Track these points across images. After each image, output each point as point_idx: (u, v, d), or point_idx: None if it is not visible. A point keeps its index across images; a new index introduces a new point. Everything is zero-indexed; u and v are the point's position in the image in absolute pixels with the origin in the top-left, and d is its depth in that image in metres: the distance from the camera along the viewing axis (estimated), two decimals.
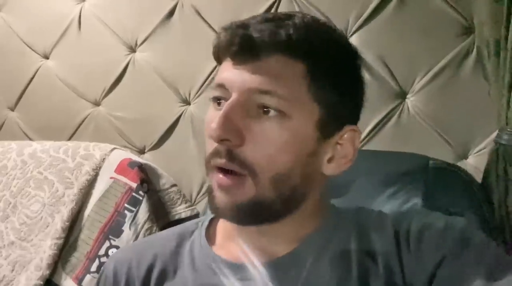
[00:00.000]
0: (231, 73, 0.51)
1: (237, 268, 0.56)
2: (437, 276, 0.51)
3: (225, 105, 0.50)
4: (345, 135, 0.55)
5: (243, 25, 0.51)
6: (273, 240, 0.57)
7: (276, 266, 0.55)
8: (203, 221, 0.63)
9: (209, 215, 0.63)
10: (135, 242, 0.69)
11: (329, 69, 0.52)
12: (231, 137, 0.50)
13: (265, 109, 0.50)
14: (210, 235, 0.61)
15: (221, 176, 0.52)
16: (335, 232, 0.57)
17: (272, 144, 0.51)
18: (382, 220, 0.57)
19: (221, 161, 0.51)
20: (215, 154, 0.51)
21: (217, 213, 0.54)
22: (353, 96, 0.56)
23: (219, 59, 0.55)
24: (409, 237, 0.54)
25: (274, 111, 0.50)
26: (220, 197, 0.52)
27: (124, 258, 0.63)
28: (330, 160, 0.55)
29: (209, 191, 0.54)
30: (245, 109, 0.50)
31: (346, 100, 0.54)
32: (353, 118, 0.57)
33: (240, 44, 0.51)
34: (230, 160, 0.51)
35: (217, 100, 0.53)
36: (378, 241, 0.56)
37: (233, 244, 0.58)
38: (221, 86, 0.52)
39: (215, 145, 0.51)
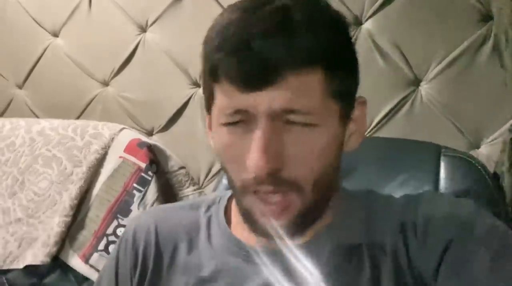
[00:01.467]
0: (251, 98, 0.47)
1: (254, 251, 0.56)
2: (443, 262, 0.51)
3: (259, 133, 0.47)
4: (357, 108, 0.54)
5: (248, 45, 0.46)
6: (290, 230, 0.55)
7: (287, 256, 0.55)
8: (221, 198, 0.63)
9: (227, 193, 0.63)
10: (154, 208, 0.69)
11: (344, 66, 0.51)
12: (274, 165, 0.48)
13: (294, 123, 0.49)
14: (227, 215, 0.61)
15: (270, 205, 0.50)
16: (348, 221, 0.57)
17: (309, 155, 0.50)
18: (389, 209, 0.57)
19: (269, 188, 0.49)
20: (259, 182, 0.49)
21: (264, 235, 0.53)
22: (356, 70, 0.54)
23: (216, 80, 0.50)
24: (416, 228, 0.54)
25: (309, 125, 0.49)
26: (270, 224, 0.51)
27: (144, 224, 0.62)
28: (348, 138, 0.55)
29: (248, 214, 0.52)
30: (276, 132, 0.48)
31: (354, 79, 0.53)
32: (357, 89, 0.55)
33: (256, 70, 0.46)
34: (277, 185, 0.49)
35: (235, 124, 0.50)
36: (385, 232, 0.55)
37: (244, 227, 0.57)
38: (241, 112, 0.48)
39: (249, 172, 0.49)
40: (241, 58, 0.46)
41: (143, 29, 1.23)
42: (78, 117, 1.31)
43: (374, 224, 0.56)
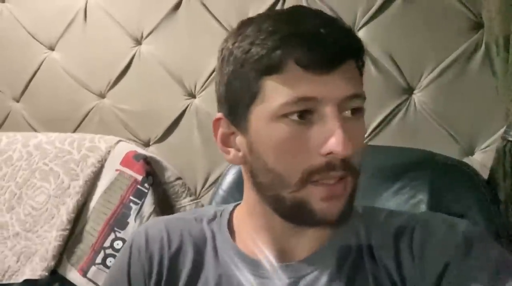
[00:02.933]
0: (321, 85, 0.49)
1: (260, 265, 0.57)
2: (442, 284, 0.51)
3: (334, 119, 0.49)
4: None
5: (318, 31, 0.49)
6: (301, 241, 0.57)
7: (293, 269, 0.56)
8: (222, 211, 0.63)
9: (228, 207, 0.64)
10: (163, 218, 0.69)
11: (362, 56, 0.55)
12: (354, 148, 0.49)
13: (352, 110, 0.51)
14: (230, 227, 0.62)
15: (334, 187, 0.51)
16: (347, 239, 0.57)
17: (362, 140, 0.53)
18: (386, 226, 0.57)
19: (338, 173, 0.50)
20: (329, 168, 0.50)
21: (321, 223, 0.53)
22: None
23: (277, 69, 0.50)
24: (412, 247, 0.54)
25: (358, 111, 0.52)
26: (329, 207, 0.52)
27: (157, 233, 0.63)
28: None
29: (303, 204, 0.52)
30: (345, 116, 0.51)
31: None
32: None
33: (327, 53, 0.49)
34: (346, 169, 0.51)
35: (298, 114, 0.50)
36: (379, 249, 0.56)
37: (253, 240, 0.58)
38: (309, 99, 0.49)
39: (320, 159, 0.50)
40: (314, 42, 0.49)
41: (138, 42, 1.24)
42: (75, 130, 1.32)
43: (373, 244, 0.57)
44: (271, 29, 0.50)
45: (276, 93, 0.50)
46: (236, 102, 0.53)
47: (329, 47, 0.49)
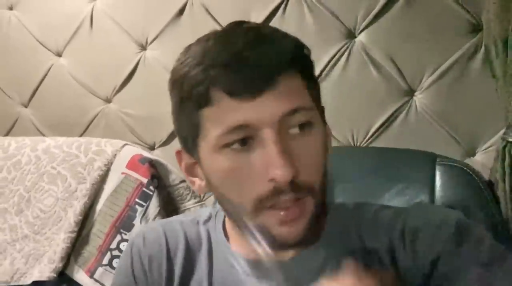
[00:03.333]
0: (253, 109, 0.48)
1: (254, 265, 0.58)
2: (434, 274, 0.52)
3: (272, 143, 0.48)
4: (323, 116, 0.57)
5: (240, 56, 0.48)
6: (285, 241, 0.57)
7: (286, 267, 0.57)
8: (217, 212, 0.64)
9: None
10: (161, 221, 0.71)
11: (309, 66, 0.54)
12: (295, 170, 0.48)
13: (299, 126, 0.50)
14: (225, 227, 0.63)
15: (289, 211, 0.50)
16: (341, 231, 0.58)
17: (316, 156, 0.51)
18: (377, 219, 0.58)
19: (288, 197, 0.49)
20: (278, 192, 0.49)
21: (284, 247, 0.53)
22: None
23: (207, 101, 0.49)
24: (404, 237, 0.55)
25: (307, 125, 0.50)
26: (289, 231, 0.51)
27: (155, 236, 0.64)
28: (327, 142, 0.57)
29: (263, 230, 0.52)
30: (284, 139, 0.49)
31: (319, 88, 0.56)
32: None
33: (253, 76, 0.48)
34: (297, 190, 0.49)
35: (239, 142, 0.49)
36: (374, 244, 0.57)
37: (246, 240, 0.58)
38: (243, 127, 0.48)
39: (267, 185, 0.49)
40: (236, 68, 0.48)
41: (143, 47, 1.26)
42: (82, 134, 1.35)
43: (364, 235, 0.58)
44: (198, 59, 0.49)
45: (211, 125, 0.50)
46: (185, 135, 0.54)
47: (252, 69, 0.47)
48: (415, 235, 0.54)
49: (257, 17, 1.11)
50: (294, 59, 0.50)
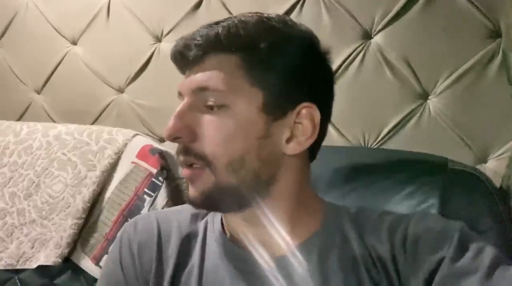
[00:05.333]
0: (183, 81, 0.58)
1: (248, 257, 0.59)
2: (434, 281, 0.52)
3: (178, 109, 0.57)
4: (302, 113, 0.56)
5: (182, 38, 0.58)
6: (266, 233, 0.58)
7: (279, 262, 0.58)
8: None
9: None
10: (154, 211, 0.73)
11: (265, 55, 0.55)
12: (182, 135, 0.55)
13: (209, 104, 0.55)
14: (222, 222, 0.64)
15: (184, 169, 0.57)
16: (335, 234, 0.59)
17: (219, 134, 0.54)
18: (379, 223, 0.58)
19: (180, 158, 0.57)
20: (177, 152, 0.57)
21: (190, 203, 0.58)
22: (301, 76, 0.57)
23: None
24: (405, 242, 0.55)
25: (216, 105, 0.54)
26: (189, 189, 0.58)
27: (148, 225, 0.65)
28: (289, 140, 0.57)
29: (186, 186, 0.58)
30: (194, 109, 0.56)
31: (293, 80, 0.56)
32: (310, 96, 0.58)
33: (180, 54, 0.58)
34: (186, 154, 0.56)
35: None
36: (374, 244, 0.57)
37: (242, 233, 0.60)
38: (179, 94, 0.60)
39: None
40: (175, 47, 0.59)
41: (158, 39, 1.26)
42: (93, 123, 1.35)
43: (366, 238, 0.58)
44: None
45: None
46: None
47: (185, 46, 0.57)
48: (416, 242, 0.55)
49: (274, 12, 1.10)
50: (226, 42, 0.55)
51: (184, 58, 0.58)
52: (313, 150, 0.62)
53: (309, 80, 0.58)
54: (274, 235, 0.58)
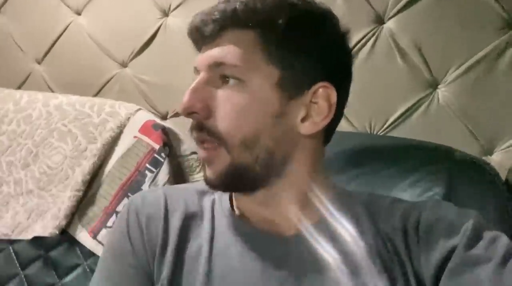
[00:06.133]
0: (199, 57, 0.57)
1: (256, 235, 0.58)
2: (447, 268, 0.51)
3: (194, 84, 0.55)
4: (318, 93, 0.55)
5: (199, 14, 0.57)
6: (277, 213, 0.58)
7: (287, 243, 0.57)
8: None
9: None
10: (161, 187, 0.72)
11: (282, 32, 0.54)
12: (197, 109, 0.54)
13: (225, 79, 0.54)
14: (231, 198, 0.63)
15: (200, 150, 0.56)
16: (347, 218, 0.58)
17: (234, 109, 0.53)
18: (392, 209, 0.58)
19: (194, 134, 0.56)
20: (191, 128, 0.56)
21: (208, 184, 0.57)
22: (318, 54, 0.56)
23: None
24: (418, 228, 0.55)
25: (232, 79, 0.53)
26: (206, 170, 0.57)
27: (155, 199, 0.64)
28: (304, 119, 0.56)
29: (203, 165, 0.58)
30: (209, 84, 0.54)
31: (310, 59, 0.55)
32: (327, 76, 0.56)
33: (197, 29, 0.56)
34: (200, 131, 0.55)
35: None
36: (388, 232, 0.56)
37: (249, 211, 0.60)
38: (196, 69, 0.57)
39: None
40: (192, 23, 0.57)
41: (165, 13, 1.24)
42: (94, 96, 1.32)
43: (378, 225, 0.57)
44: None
45: None
46: None
47: (203, 22, 0.55)
48: (429, 229, 0.54)
49: None
50: (244, 17, 0.54)
51: (201, 34, 0.56)
52: (328, 133, 0.60)
53: (327, 59, 0.56)
54: (286, 216, 0.57)
